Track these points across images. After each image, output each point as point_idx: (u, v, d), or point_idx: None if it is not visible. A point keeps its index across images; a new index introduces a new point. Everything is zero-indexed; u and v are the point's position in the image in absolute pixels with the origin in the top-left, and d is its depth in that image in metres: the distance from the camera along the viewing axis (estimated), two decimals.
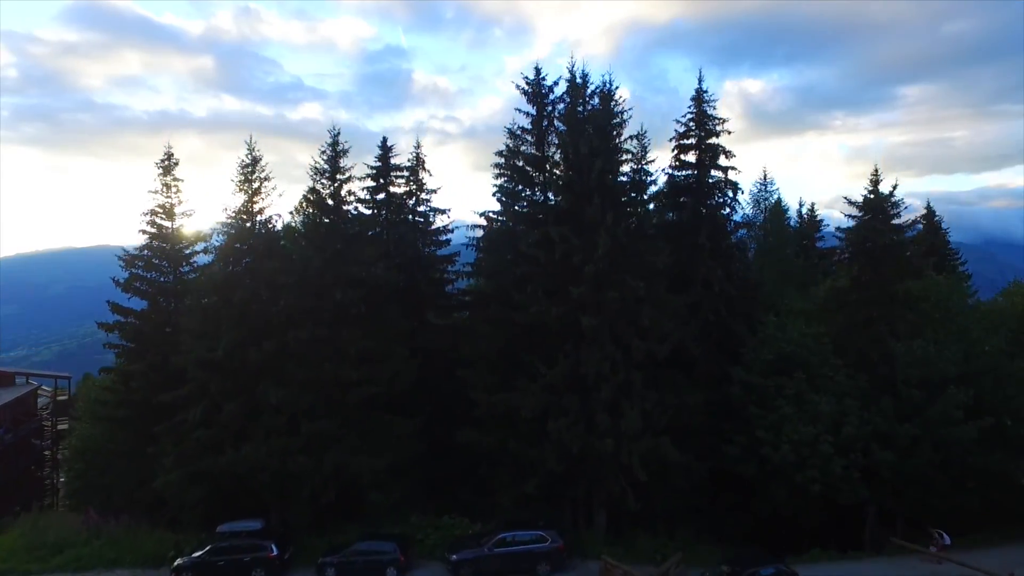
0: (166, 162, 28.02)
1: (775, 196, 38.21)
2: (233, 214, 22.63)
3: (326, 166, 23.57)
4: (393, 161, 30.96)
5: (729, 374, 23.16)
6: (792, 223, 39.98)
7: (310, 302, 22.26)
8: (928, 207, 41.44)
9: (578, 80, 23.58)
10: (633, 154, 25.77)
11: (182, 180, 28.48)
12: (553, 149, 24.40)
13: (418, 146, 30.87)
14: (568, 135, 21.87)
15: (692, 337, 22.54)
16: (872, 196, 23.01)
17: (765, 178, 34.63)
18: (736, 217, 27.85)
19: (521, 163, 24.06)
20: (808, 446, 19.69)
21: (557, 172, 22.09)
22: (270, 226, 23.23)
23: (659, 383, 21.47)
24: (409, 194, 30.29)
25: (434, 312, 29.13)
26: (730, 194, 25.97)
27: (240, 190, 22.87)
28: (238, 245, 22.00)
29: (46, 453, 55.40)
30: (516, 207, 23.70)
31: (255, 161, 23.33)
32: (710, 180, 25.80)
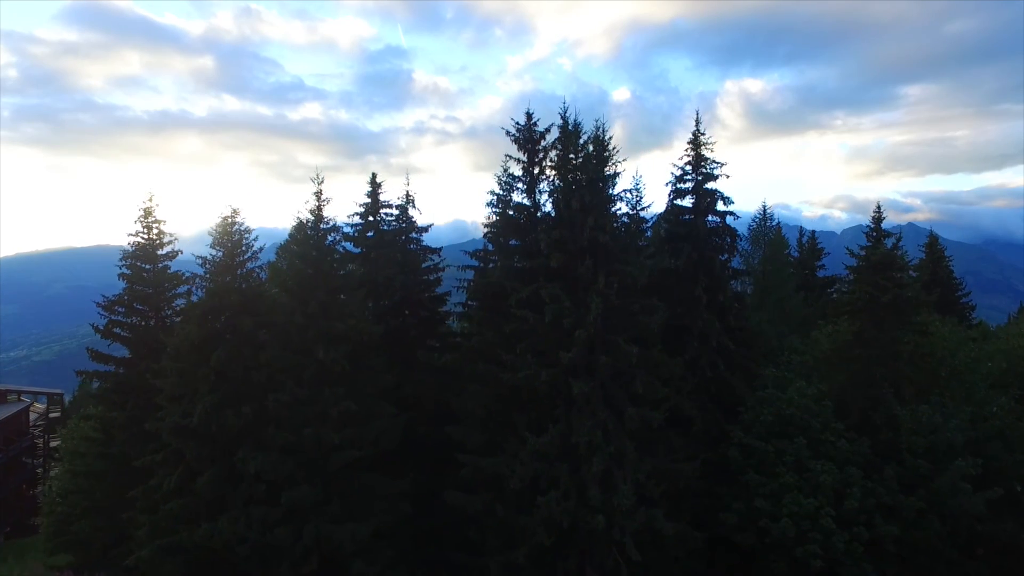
0: (147, 202, 27.26)
1: (775, 222, 37.48)
2: (212, 268, 21.78)
3: (310, 216, 22.74)
4: (382, 197, 30.50)
5: (727, 432, 22.41)
6: (792, 250, 39.29)
7: (291, 360, 21.48)
8: (931, 234, 40.63)
9: (570, 126, 22.77)
10: (628, 199, 25.07)
11: (164, 221, 27.78)
12: (545, 197, 23.68)
13: (408, 183, 30.11)
14: (559, 190, 21.01)
15: (689, 399, 21.71)
16: (875, 249, 22.13)
17: (765, 212, 33.77)
18: (735, 262, 27.12)
19: (512, 212, 23.23)
20: (809, 519, 18.88)
21: (548, 226, 21.12)
22: (251, 279, 22.40)
23: (653, 448, 20.67)
24: (399, 231, 29.57)
25: (423, 353, 28.38)
26: (728, 240, 25.15)
27: (218, 245, 22.03)
28: (216, 303, 21.09)
29: (38, 471, 54.88)
30: (506, 260, 22.79)
31: (234, 214, 22.49)
32: (708, 225, 24.95)
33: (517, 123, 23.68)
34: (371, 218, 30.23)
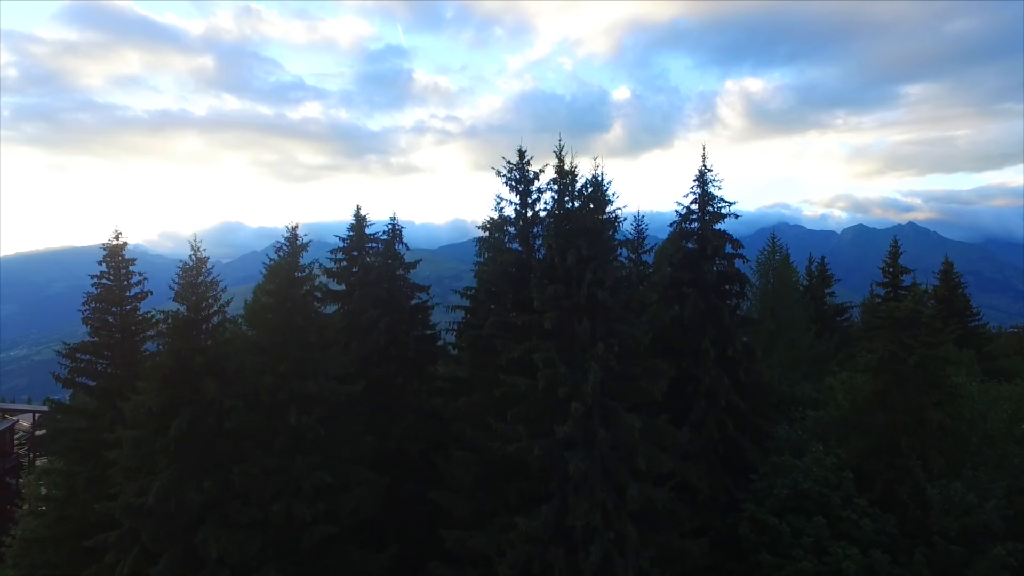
0: (114, 241, 25.40)
1: (784, 249, 35.56)
2: (174, 325, 19.90)
3: (285, 266, 20.85)
4: (370, 229, 28.78)
5: (737, 499, 20.58)
6: (794, 259, 37.37)
7: (260, 425, 19.65)
8: (946, 261, 38.62)
9: (566, 165, 20.88)
10: (629, 242, 23.31)
11: (133, 261, 25.91)
12: (539, 242, 21.79)
13: (394, 217, 28.27)
14: (554, 240, 19.10)
15: (696, 464, 19.83)
16: (896, 303, 20.21)
17: (773, 243, 31.85)
18: (745, 300, 25.29)
19: (504, 258, 21.33)
20: None
21: (543, 279, 19.20)
22: (219, 334, 20.53)
23: (658, 524, 18.80)
24: (385, 267, 27.72)
25: (411, 398, 26.56)
26: (737, 287, 23.26)
27: (181, 299, 20.17)
28: (177, 365, 19.21)
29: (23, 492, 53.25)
30: (496, 314, 20.89)
31: (200, 263, 20.62)
32: (715, 269, 23.06)
33: (508, 162, 21.79)
34: (355, 253, 28.47)
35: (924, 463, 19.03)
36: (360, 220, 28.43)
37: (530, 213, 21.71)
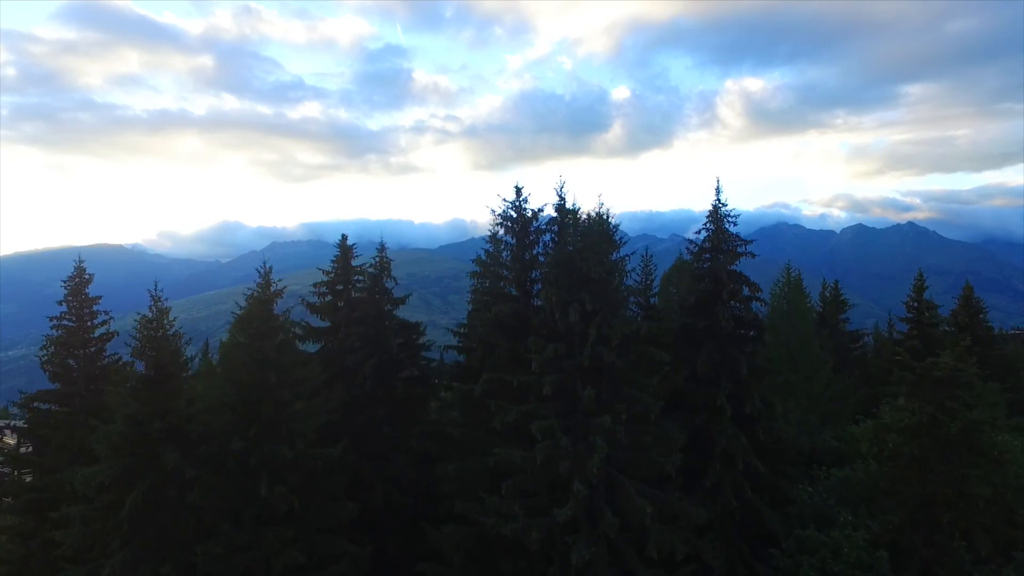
0: (76, 279, 23.41)
1: (794, 272, 33.51)
2: (136, 386, 17.88)
3: (257, 315, 18.83)
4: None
5: (756, 572, 18.62)
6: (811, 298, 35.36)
7: (227, 497, 17.64)
8: (967, 286, 36.40)
9: (567, 204, 18.92)
10: (638, 290, 21.35)
11: (99, 299, 23.92)
12: (538, 286, 19.76)
13: (381, 248, 26.22)
14: (553, 291, 17.05)
15: (711, 548, 17.80)
16: (935, 360, 18.13)
17: (788, 273, 29.80)
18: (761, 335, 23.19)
19: (499, 305, 19.27)
20: None
21: (542, 336, 17.15)
22: (180, 396, 18.46)
23: None
24: (373, 303, 25.66)
25: (401, 442, 24.57)
26: (754, 333, 21.23)
27: (141, 355, 18.13)
28: (134, 432, 17.17)
29: None
30: (491, 371, 18.84)
31: (161, 314, 18.59)
32: (730, 313, 20.99)
33: (504, 200, 19.76)
34: (340, 287, 26.45)
35: (969, 543, 17.02)
36: (346, 251, 26.42)
37: (528, 256, 19.64)
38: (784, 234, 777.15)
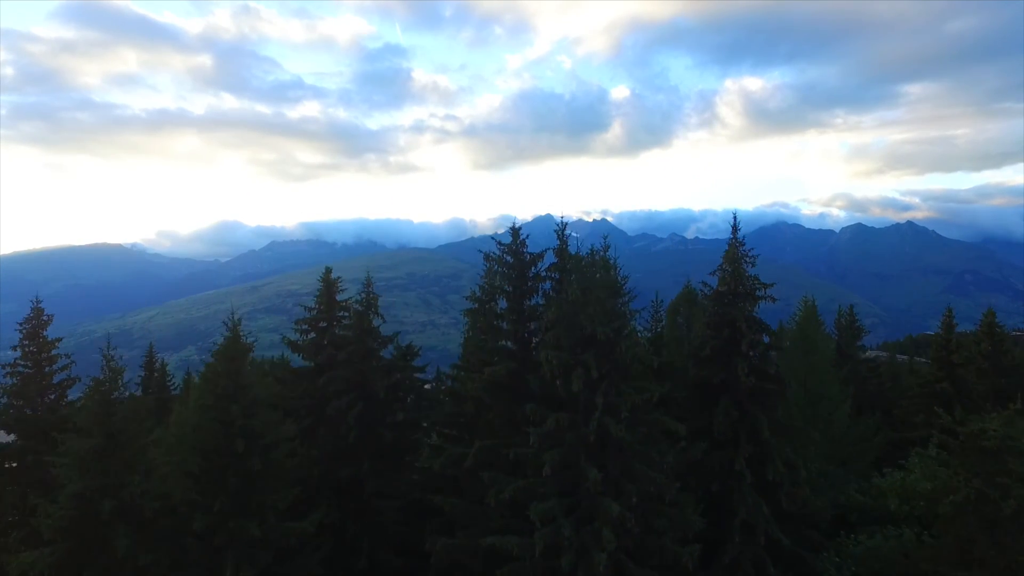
0: (33, 321, 21.46)
1: (809, 297, 31.54)
2: (84, 459, 15.90)
3: (224, 372, 16.86)
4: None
5: None
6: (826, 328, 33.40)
7: None
8: (989, 311, 34.24)
9: (569, 247, 16.96)
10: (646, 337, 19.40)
11: (58, 341, 22.00)
12: (537, 338, 17.81)
13: (368, 284, 24.25)
14: (554, 354, 15.07)
15: None
16: (983, 427, 16.13)
17: (806, 303, 27.77)
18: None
19: (494, 372, 17.25)
20: None
21: (541, 409, 15.18)
22: (136, 468, 16.48)
23: None
24: (358, 344, 23.63)
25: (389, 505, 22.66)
26: (776, 386, 19.22)
27: (85, 430, 16.09)
28: (80, 512, 15.21)
29: None
30: (485, 438, 16.87)
31: (114, 375, 16.61)
32: (749, 366, 18.99)
33: (501, 243, 17.77)
34: (323, 324, 24.46)
35: None
36: (330, 285, 24.45)
37: (527, 305, 17.67)
38: (783, 233, 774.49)
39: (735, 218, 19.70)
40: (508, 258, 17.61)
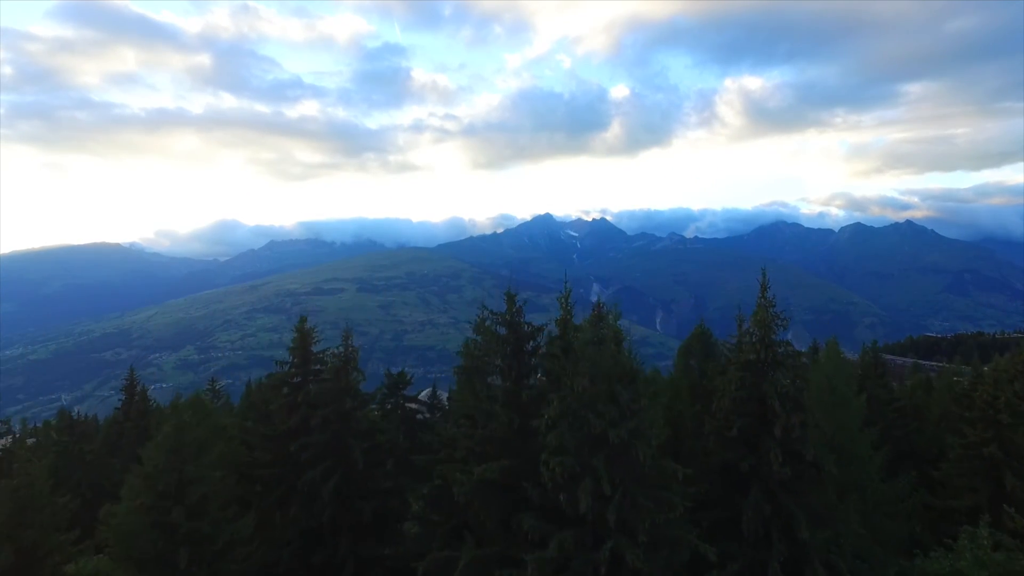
0: None
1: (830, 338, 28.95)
2: None
3: (167, 469, 14.25)
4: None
5: None
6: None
7: None
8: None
9: (572, 316, 14.36)
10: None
11: None
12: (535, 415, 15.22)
13: (347, 336, 21.70)
14: (557, 462, 12.47)
15: None
16: None
17: (831, 345, 25.11)
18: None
19: (486, 470, 14.62)
20: None
21: (541, 525, 12.60)
22: None
23: None
24: (336, 404, 20.96)
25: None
26: (814, 471, 16.59)
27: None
28: None
29: None
30: (479, 551, 14.26)
31: (31, 479, 13.97)
32: (783, 451, 16.35)
33: (492, 312, 15.13)
34: (298, 379, 21.91)
35: None
36: (304, 336, 21.91)
37: (524, 386, 15.03)
38: (782, 233, 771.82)
39: (763, 273, 17.08)
40: (501, 329, 14.97)
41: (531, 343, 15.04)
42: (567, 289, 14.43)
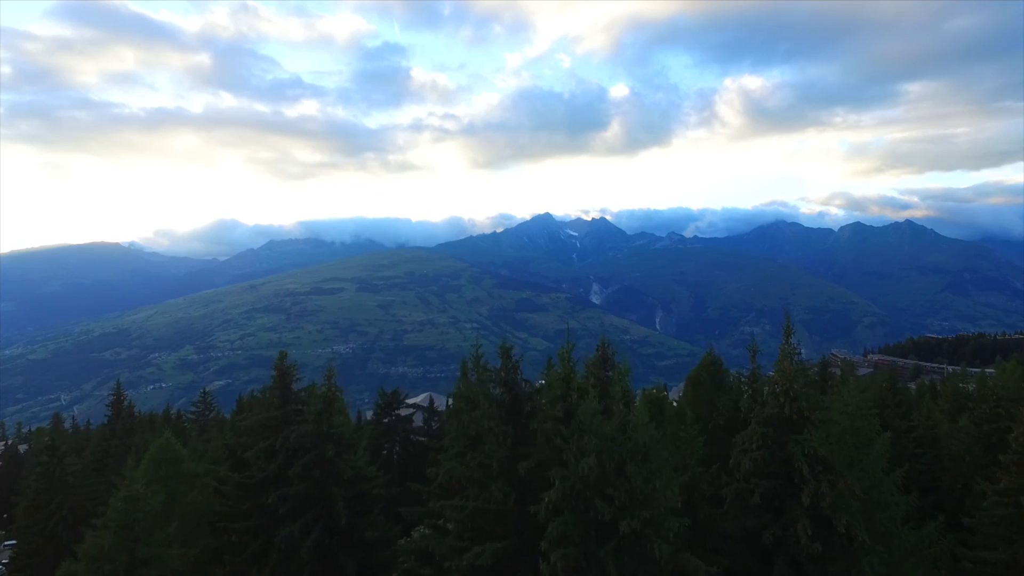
0: None
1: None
2: None
3: (117, 556, 12.55)
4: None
5: None
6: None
7: None
8: None
9: (573, 375, 12.64)
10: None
11: None
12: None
13: (329, 375, 19.99)
14: (560, 556, 10.79)
15: None
16: None
17: (857, 389, 23.27)
18: None
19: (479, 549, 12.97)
20: None
21: None
22: None
23: None
24: (315, 448, 19.18)
25: None
26: (844, 541, 14.89)
27: None
28: None
29: None
30: None
31: None
32: (811, 521, 14.66)
33: (485, 368, 13.43)
34: (276, 420, 20.20)
35: None
36: (284, 374, 20.18)
37: (523, 450, 13.31)
38: (782, 232, 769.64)
39: (787, 318, 15.38)
40: (497, 389, 13.26)
41: (529, 405, 13.33)
42: (569, 344, 12.71)
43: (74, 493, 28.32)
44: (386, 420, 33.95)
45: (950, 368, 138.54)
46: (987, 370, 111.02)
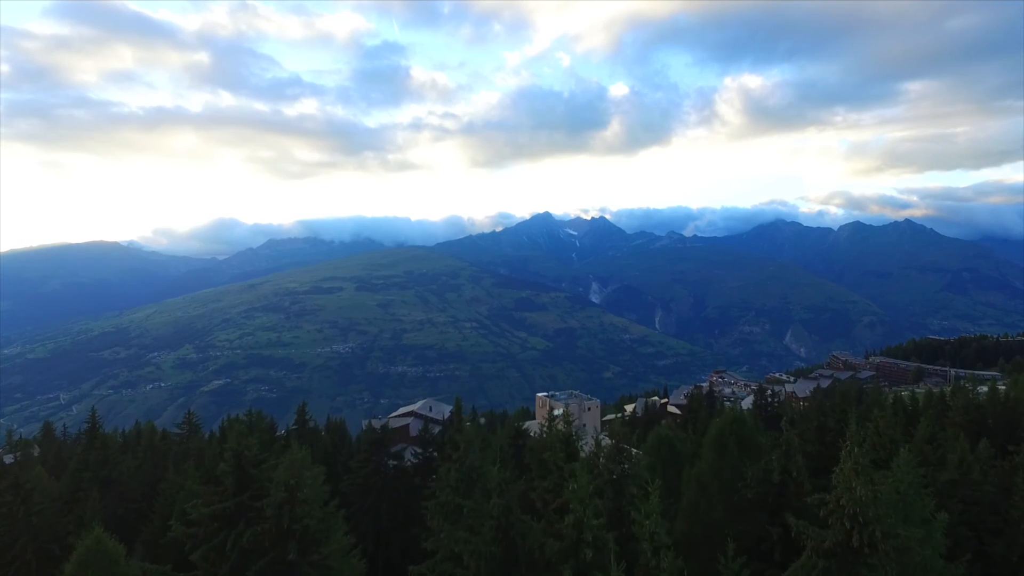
0: None
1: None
2: None
3: None
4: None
5: None
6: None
7: None
8: None
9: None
10: None
11: None
12: None
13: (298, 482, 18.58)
14: None
15: None
16: None
17: (908, 467, 20.84)
18: None
19: None
20: None
21: None
22: None
23: None
24: (276, 549, 17.31)
25: None
26: None
27: None
28: None
29: None
30: None
31: None
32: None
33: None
34: (229, 511, 18.11)
35: None
36: (239, 456, 17.99)
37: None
38: (782, 231, 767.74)
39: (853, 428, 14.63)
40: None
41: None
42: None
43: (39, 535, 26.18)
44: (372, 463, 32.21)
45: (953, 371, 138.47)
46: (993, 373, 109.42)
